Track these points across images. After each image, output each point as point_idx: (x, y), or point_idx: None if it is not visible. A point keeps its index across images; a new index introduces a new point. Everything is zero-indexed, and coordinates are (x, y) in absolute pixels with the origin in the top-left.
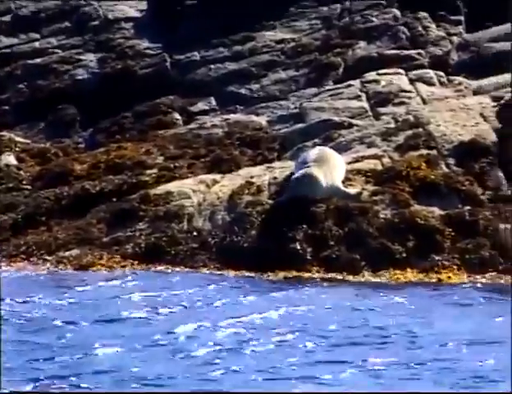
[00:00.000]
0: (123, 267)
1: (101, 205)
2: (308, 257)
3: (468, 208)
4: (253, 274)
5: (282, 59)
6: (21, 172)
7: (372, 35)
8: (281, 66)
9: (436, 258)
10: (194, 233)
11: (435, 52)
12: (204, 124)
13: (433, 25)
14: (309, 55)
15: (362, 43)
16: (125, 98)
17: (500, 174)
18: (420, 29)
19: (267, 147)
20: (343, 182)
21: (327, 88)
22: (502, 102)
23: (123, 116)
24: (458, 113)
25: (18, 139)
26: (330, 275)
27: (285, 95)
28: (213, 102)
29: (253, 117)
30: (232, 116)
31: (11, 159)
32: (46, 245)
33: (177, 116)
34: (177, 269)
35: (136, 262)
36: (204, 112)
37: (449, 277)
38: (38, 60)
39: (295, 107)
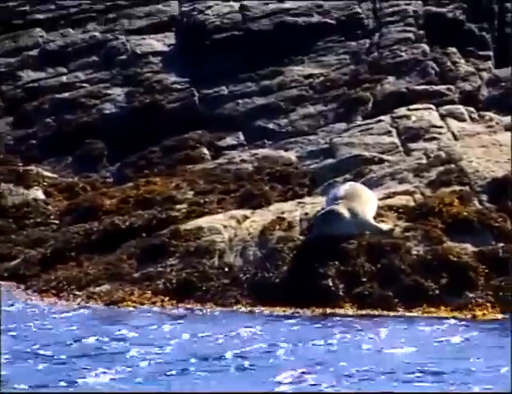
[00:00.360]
0: (153, 303)
1: (131, 240)
2: (341, 293)
3: (502, 244)
4: (287, 311)
5: (311, 94)
6: (49, 207)
7: (401, 70)
8: (309, 100)
9: (470, 295)
10: (226, 269)
11: (464, 87)
12: (233, 159)
13: (462, 61)
14: (338, 90)
15: (391, 78)
16: (153, 132)
17: None
18: (449, 64)
19: (297, 182)
20: (375, 218)
21: (357, 123)
22: None
23: (151, 150)
24: (490, 149)
25: (46, 173)
26: (364, 311)
27: (313, 130)
28: (241, 137)
29: (282, 152)
30: (261, 151)
31: (38, 194)
32: (76, 280)
33: (205, 150)
34: (219, 309)
35: (167, 298)
36: (232, 147)
37: (483, 314)
38: (65, 94)
39: (325, 143)
